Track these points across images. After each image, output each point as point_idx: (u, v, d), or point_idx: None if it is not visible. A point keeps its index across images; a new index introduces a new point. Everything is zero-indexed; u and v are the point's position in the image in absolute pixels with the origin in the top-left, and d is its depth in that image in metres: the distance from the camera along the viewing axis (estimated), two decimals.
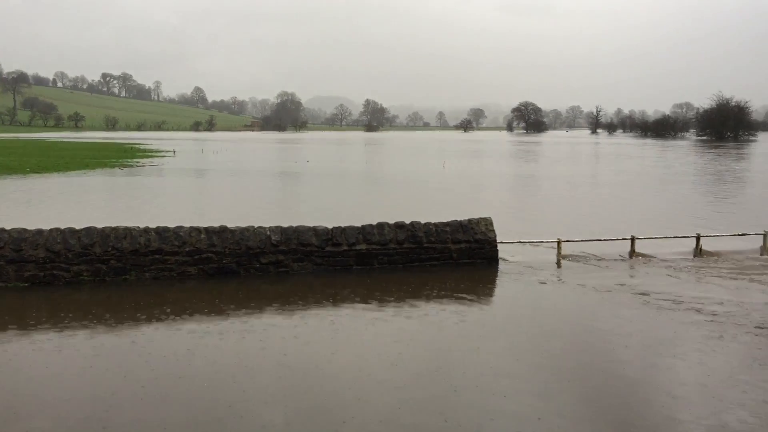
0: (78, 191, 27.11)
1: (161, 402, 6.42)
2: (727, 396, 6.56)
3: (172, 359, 7.57)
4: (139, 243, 11.24)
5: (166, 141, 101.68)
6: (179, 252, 11.36)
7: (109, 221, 13.40)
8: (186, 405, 6.35)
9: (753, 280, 11.64)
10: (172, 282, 11.05)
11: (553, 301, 10.40)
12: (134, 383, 6.84)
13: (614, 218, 19.88)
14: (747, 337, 8.44)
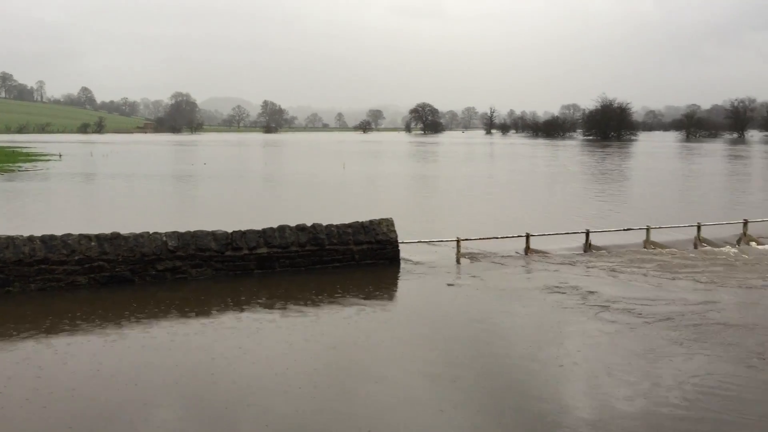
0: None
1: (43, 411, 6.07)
2: (614, 382, 6.90)
3: (60, 374, 7.18)
4: (23, 252, 10.59)
5: (51, 144, 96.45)
6: (68, 261, 10.78)
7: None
8: (69, 416, 6.04)
9: (636, 272, 12.31)
10: (60, 293, 10.48)
11: (452, 299, 10.62)
12: (16, 396, 6.44)
13: (511, 216, 20.53)
14: (640, 328, 8.91)
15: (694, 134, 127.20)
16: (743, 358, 7.66)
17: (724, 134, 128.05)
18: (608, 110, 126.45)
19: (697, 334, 8.55)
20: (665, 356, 7.69)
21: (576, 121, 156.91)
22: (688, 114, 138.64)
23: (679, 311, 9.60)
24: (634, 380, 6.95)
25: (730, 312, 9.65)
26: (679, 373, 7.14)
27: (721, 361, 7.55)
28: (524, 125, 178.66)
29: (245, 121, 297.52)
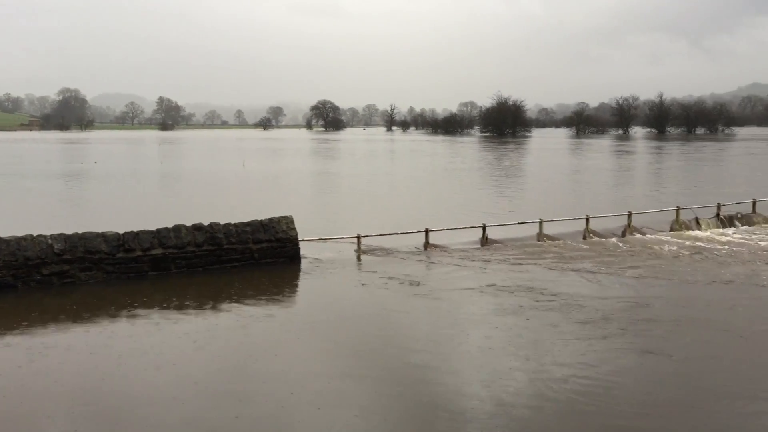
0: None
1: None
2: (502, 361, 7.11)
3: None
4: None
5: None
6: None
7: None
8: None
9: (529, 263, 12.76)
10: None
11: (352, 295, 10.66)
12: None
13: (411, 212, 20.79)
14: (534, 316, 9.22)
15: (583, 131, 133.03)
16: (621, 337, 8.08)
17: (610, 130, 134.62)
18: (504, 108, 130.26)
19: (585, 320, 8.94)
20: (558, 340, 8.01)
21: (473, 118, 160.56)
22: (577, 111, 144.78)
23: (569, 300, 10.01)
24: (525, 360, 7.19)
25: (614, 301, 10.16)
26: (564, 352, 7.44)
27: (604, 344, 7.94)
28: (424, 122, 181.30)
29: (140, 119, 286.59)
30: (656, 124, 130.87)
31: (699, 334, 8.42)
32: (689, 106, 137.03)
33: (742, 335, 8.34)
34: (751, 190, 22.24)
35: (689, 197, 22.73)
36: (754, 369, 7.16)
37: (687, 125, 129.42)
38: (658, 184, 31.74)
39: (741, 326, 8.69)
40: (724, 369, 7.17)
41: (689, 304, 9.99)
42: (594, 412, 6.10)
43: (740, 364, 7.26)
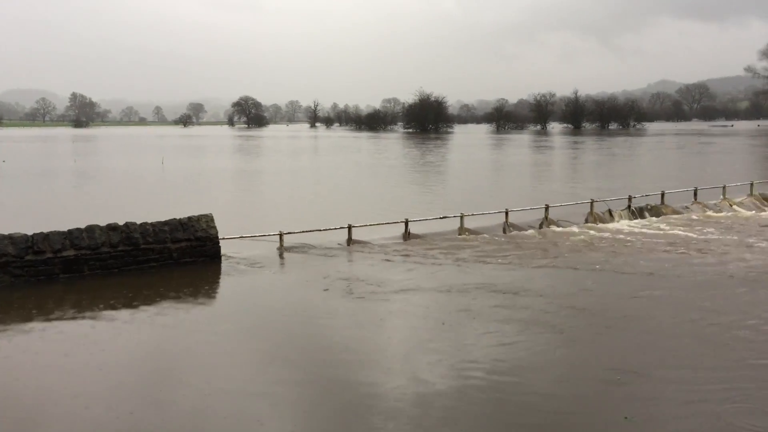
0: None
1: None
2: (421, 355, 7.21)
3: None
4: None
5: None
6: None
7: None
8: None
9: (449, 257, 12.96)
10: None
11: (275, 293, 10.57)
12: None
13: (334, 208, 20.74)
14: (458, 309, 9.36)
15: (503, 126, 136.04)
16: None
17: (529, 126, 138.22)
18: (426, 104, 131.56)
19: (504, 311, 9.15)
20: (479, 332, 8.16)
21: (397, 115, 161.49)
22: (497, 108, 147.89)
23: (487, 292, 10.22)
24: (440, 351, 7.30)
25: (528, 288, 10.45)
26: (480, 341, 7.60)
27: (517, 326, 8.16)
28: (347, 118, 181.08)
29: (51, 115, 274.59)
30: (572, 119, 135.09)
31: (600, 318, 8.73)
32: (603, 102, 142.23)
33: (643, 318, 8.71)
34: (660, 182, 23.24)
35: (603, 190, 23.59)
36: (660, 346, 7.49)
37: (601, 120, 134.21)
38: (575, 178, 32.78)
39: (648, 313, 9.06)
40: (618, 349, 7.47)
41: (599, 292, 10.35)
42: (509, 400, 6.24)
43: (644, 343, 7.57)
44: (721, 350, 7.38)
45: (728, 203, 19.87)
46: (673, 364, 6.96)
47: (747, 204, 20.06)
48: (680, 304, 9.42)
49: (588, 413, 5.89)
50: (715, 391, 6.22)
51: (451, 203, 21.08)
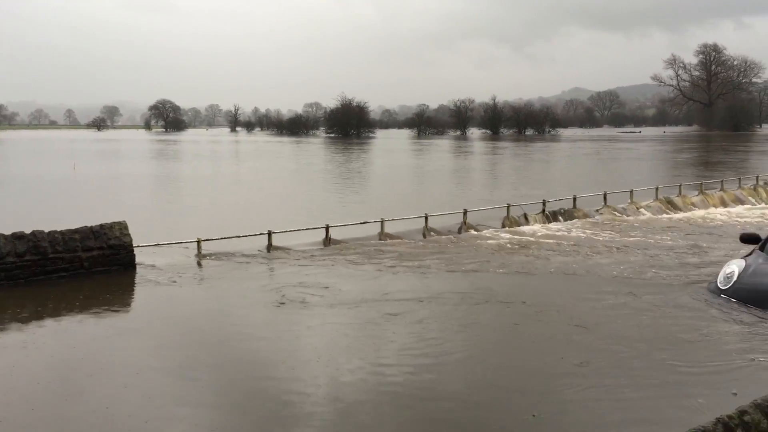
0: None
1: None
2: (341, 362, 7.25)
3: None
4: None
5: None
6: None
7: None
8: None
9: (370, 261, 13.06)
10: None
11: (190, 303, 10.36)
12: None
13: (254, 214, 20.54)
14: (377, 313, 9.43)
15: (424, 131, 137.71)
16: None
17: (449, 131, 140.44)
18: (348, 109, 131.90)
19: (421, 314, 9.30)
20: (397, 335, 8.27)
21: (318, 119, 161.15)
22: (418, 113, 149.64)
23: (406, 296, 10.36)
24: (362, 357, 7.36)
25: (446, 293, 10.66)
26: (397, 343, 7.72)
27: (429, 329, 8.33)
28: (269, 123, 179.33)
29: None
30: (490, 125, 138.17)
31: (514, 318, 9.01)
32: (519, 108, 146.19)
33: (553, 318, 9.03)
34: (573, 187, 24.10)
35: (519, 195, 24.28)
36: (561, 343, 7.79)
37: (518, 126, 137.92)
38: (493, 183, 33.60)
39: (558, 311, 9.39)
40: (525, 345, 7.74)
41: (513, 293, 10.67)
42: (424, 397, 6.36)
43: (552, 339, 7.86)
44: (633, 343, 7.73)
45: (635, 206, 20.82)
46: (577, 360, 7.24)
47: (653, 207, 21.07)
48: (586, 301, 9.80)
49: (497, 411, 6.07)
50: (618, 383, 6.52)
51: (373, 208, 21.23)
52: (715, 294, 9.43)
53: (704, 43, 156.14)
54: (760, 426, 4.59)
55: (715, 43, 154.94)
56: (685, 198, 22.40)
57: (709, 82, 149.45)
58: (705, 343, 7.69)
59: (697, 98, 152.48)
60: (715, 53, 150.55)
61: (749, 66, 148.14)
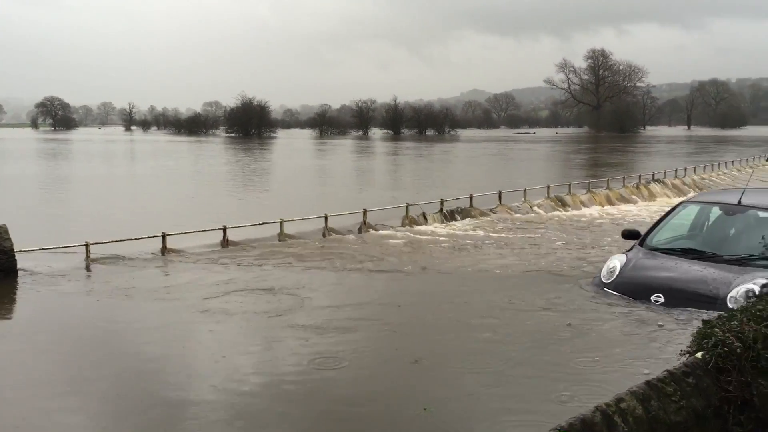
0: None
1: None
2: (235, 364, 7.15)
3: None
4: None
5: None
6: None
7: None
8: None
9: (267, 262, 12.94)
10: None
11: (78, 309, 9.91)
12: None
13: (150, 216, 19.90)
14: (273, 314, 9.33)
15: (326, 132, 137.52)
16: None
17: (351, 131, 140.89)
18: (249, 108, 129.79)
19: (315, 314, 9.30)
20: (292, 336, 8.23)
21: (218, 119, 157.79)
22: (320, 113, 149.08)
23: (301, 296, 10.32)
24: (255, 356, 7.28)
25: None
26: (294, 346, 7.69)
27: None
28: (166, 122, 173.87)
29: None
30: (392, 125, 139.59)
31: (406, 317, 9.18)
32: (420, 109, 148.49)
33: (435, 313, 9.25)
34: (470, 186, 24.71)
35: (419, 194, 24.69)
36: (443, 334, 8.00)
37: (419, 127, 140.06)
38: (394, 183, 34.00)
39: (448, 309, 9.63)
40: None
41: (405, 291, 10.85)
42: (321, 396, 6.37)
43: (441, 337, 8.06)
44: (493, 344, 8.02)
45: (528, 205, 21.61)
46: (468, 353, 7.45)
47: (544, 205, 21.94)
48: (476, 297, 10.09)
49: (389, 405, 6.15)
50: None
51: (273, 209, 21.01)
52: (599, 288, 9.90)
53: (593, 49, 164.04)
54: (635, 412, 4.88)
55: (603, 48, 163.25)
56: (574, 196, 23.44)
57: (598, 85, 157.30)
58: (587, 334, 8.07)
59: (586, 101, 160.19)
60: (602, 58, 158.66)
61: (633, 71, 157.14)
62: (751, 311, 6.46)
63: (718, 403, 5.38)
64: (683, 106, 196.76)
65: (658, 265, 9.60)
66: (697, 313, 8.14)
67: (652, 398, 5.02)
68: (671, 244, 10.23)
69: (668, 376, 5.31)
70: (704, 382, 5.45)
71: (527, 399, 6.18)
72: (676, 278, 9.17)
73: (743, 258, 9.29)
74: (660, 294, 9.02)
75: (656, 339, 7.74)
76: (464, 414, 5.94)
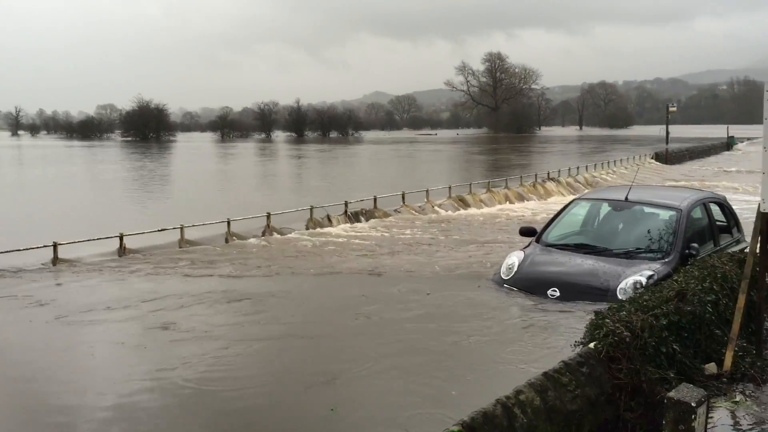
0: None
1: None
2: (125, 372, 6.90)
3: None
4: None
5: None
6: None
7: None
8: None
9: (166, 270, 12.56)
10: None
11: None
12: None
13: (39, 225, 18.88)
14: (169, 323, 9.03)
15: (228, 135, 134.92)
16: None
17: (254, 135, 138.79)
18: (146, 111, 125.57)
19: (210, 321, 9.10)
20: (184, 342, 8.00)
21: (114, 122, 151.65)
22: (221, 116, 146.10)
23: (200, 302, 10.08)
24: (150, 366, 7.04)
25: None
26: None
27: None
28: (57, 126, 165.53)
29: None
30: (295, 128, 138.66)
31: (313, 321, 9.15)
32: (323, 111, 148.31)
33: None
34: (374, 187, 24.90)
35: (324, 196, 24.61)
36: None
37: (322, 129, 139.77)
38: (298, 185, 33.78)
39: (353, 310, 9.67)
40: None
41: (304, 293, 10.81)
42: (220, 404, 6.25)
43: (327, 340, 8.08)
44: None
45: (431, 205, 22.01)
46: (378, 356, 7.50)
47: (447, 205, 22.42)
48: (380, 297, 10.17)
49: (294, 408, 6.11)
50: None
51: (175, 215, 20.39)
52: (498, 284, 10.19)
53: (490, 52, 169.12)
54: (533, 403, 5.06)
55: (499, 52, 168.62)
56: (474, 196, 24.08)
57: (495, 87, 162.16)
58: (488, 329, 8.29)
59: (485, 103, 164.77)
60: (499, 61, 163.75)
61: (528, 73, 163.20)
62: (638, 302, 6.86)
63: (611, 390, 5.67)
64: (575, 107, 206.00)
65: (553, 261, 9.99)
66: (591, 305, 8.50)
67: (549, 389, 5.23)
68: (565, 240, 10.66)
69: (564, 367, 5.54)
70: (597, 370, 5.72)
71: (427, 393, 6.27)
72: (570, 272, 9.57)
73: (631, 251, 9.81)
74: (556, 288, 9.39)
75: (553, 331, 8.06)
76: (369, 412, 5.98)
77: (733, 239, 11.17)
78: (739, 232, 11.49)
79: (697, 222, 10.52)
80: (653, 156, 51.60)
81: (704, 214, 10.73)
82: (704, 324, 6.88)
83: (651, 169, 44.01)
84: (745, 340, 7.46)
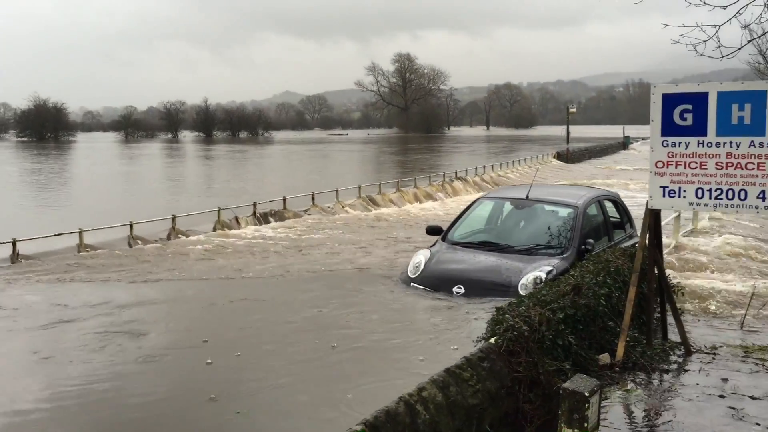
0: None
1: None
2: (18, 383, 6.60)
3: None
4: None
5: None
6: None
7: None
8: None
9: (64, 276, 12.02)
10: None
11: None
12: None
13: None
14: (72, 333, 8.65)
15: (132, 135, 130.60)
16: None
17: (160, 134, 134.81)
18: (43, 110, 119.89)
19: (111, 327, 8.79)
20: (84, 352, 7.70)
21: (8, 122, 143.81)
22: (125, 115, 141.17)
23: (98, 310, 9.71)
24: (40, 375, 6.74)
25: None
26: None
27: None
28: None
29: None
30: (203, 128, 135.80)
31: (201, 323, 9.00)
32: (232, 111, 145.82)
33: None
34: (284, 188, 24.71)
35: (231, 198, 24.21)
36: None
37: (231, 129, 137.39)
38: (205, 187, 33.06)
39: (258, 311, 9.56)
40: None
41: (210, 299, 10.61)
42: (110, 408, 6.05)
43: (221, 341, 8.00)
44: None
45: (341, 205, 22.04)
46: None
47: (356, 205, 22.50)
48: (286, 299, 10.11)
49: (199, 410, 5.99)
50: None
51: (74, 219, 19.57)
52: (406, 283, 10.29)
53: (399, 53, 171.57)
54: (435, 399, 5.16)
55: (408, 52, 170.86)
56: (384, 195, 24.28)
57: (405, 88, 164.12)
58: (393, 326, 8.37)
59: (395, 103, 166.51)
60: (408, 62, 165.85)
61: (437, 74, 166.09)
62: (537, 296, 7.11)
63: (510, 383, 5.85)
64: (482, 107, 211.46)
65: (458, 258, 10.19)
66: (494, 301, 8.71)
67: (451, 384, 5.34)
68: (470, 238, 10.91)
69: (465, 362, 5.68)
70: (497, 365, 5.89)
71: (330, 393, 6.27)
72: (474, 270, 9.79)
73: (531, 248, 10.15)
74: (461, 285, 9.58)
75: (456, 327, 8.22)
76: (276, 411, 5.92)
77: (626, 234, 11.74)
78: (631, 228, 12.08)
79: (593, 219, 10.99)
80: (555, 155, 53.61)
81: (599, 211, 11.22)
82: (598, 316, 7.21)
83: (553, 167, 45.69)
84: (637, 330, 7.87)
